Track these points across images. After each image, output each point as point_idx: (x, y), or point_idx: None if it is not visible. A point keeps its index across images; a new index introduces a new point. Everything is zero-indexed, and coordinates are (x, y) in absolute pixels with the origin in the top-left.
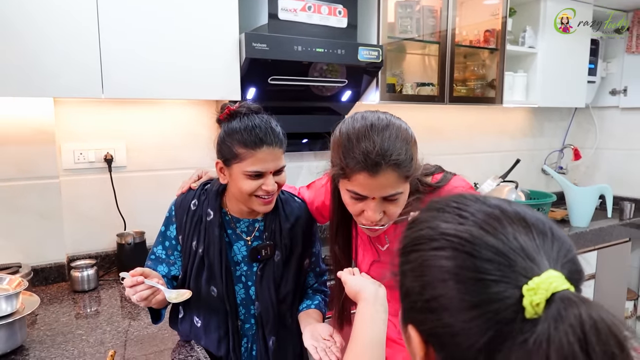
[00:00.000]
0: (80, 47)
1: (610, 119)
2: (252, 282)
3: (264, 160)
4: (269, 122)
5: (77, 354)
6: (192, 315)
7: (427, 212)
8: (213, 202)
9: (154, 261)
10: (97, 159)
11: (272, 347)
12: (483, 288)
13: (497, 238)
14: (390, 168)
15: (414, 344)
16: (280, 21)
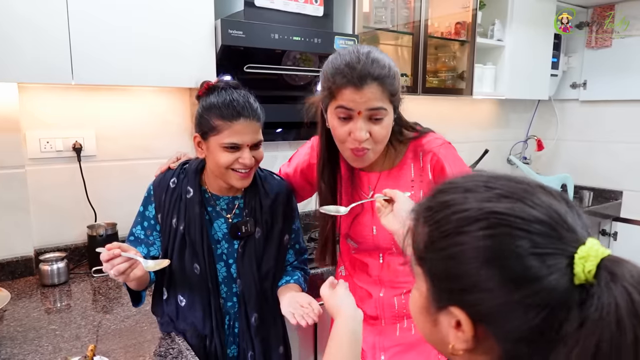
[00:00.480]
0: (48, 30)
1: (570, 112)
2: (234, 260)
3: (241, 132)
4: (246, 96)
5: (52, 349)
6: (177, 295)
7: (455, 193)
8: (192, 179)
9: (132, 242)
10: (65, 148)
11: (254, 324)
12: (539, 262)
13: (540, 211)
14: (375, 82)
15: (464, 326)
16: (256, 8)
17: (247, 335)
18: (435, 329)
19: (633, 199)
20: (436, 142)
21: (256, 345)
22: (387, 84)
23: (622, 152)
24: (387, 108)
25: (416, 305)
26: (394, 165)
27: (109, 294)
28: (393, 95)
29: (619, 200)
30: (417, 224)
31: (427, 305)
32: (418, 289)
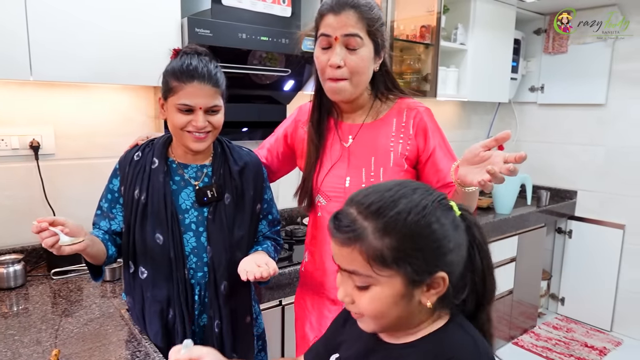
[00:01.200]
0: (5, 24)
1: (529, 114)
2: (204, 228)
3: (194, 94)
4: (206, 62)
5: (10, 355)
6: (139, 267)
7: (413, 194)
8: (159, 150)
9: (99, 216)
10: (21, 146)
11: (223, 292)
12: (454, 216)
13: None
14: (352, 9)
15: (445, 281)
16: (223, 7)
17: (216, 303)
18: (408, 305)
19: (587, 198)
20: (421, 105)
21: (224, 314)
22: (364, 13)
23: (577, 154)
24: (363, 37)
25: (389, 301)
26: (377, 119)
27: (70, 296)
28: (370, 26)
29: (573, 200)
30: (364, 246)
31: (403, 293)
32: (387, 287)
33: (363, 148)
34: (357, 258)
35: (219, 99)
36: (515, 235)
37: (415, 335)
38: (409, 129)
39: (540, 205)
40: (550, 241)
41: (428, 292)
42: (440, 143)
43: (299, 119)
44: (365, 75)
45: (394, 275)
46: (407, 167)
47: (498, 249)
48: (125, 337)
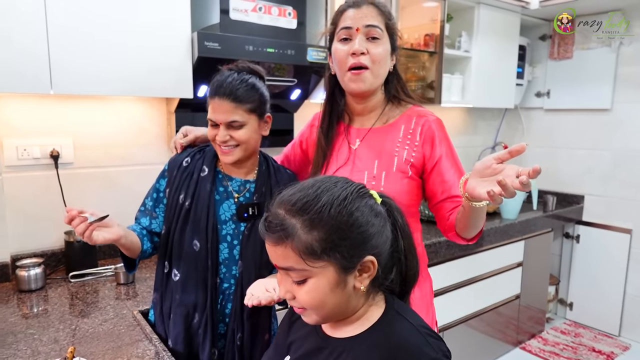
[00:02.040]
0: (27, 42)
1: (535, 119)
2: (238, 242)
3: (215, 109)
4: (236, 76)
5: (30, 353)
6: (173, 269)
7: (334, 187)
8: (209, 160)
9: (141, 212)
10: (42, 155)
11: (247, 308)
12: (373, 203)
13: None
14: (372, 5)
15: (374, 265)
16: (231, 20)
17: (240, 317)
18: (344, 291)
19: (593, 203)
20: (431, 114)
21: (246, 327)
22: (383, 8)
23: (583, 158)
24: (383, 30)
25: (325, 290)
26: (386, 124)
27: (87, 298)
28: (389, 19)
29: (580, 205)
30: (294, 241)
31: (337, 281)
32: (322, 277)
33: (368, 151)
34: (290, 255)
35: (241, 115)
36: (522, 240)
37: (358, 326)
38: (415, 137)
39: (546, 210)
40: (558, 246)
41: (360, 277)
42: (448, 153)
43: (314, 124)
44: (384, 67)
45: (326, 265)
46: (411, 174)
47: (504, 254)
48: (137, 336)
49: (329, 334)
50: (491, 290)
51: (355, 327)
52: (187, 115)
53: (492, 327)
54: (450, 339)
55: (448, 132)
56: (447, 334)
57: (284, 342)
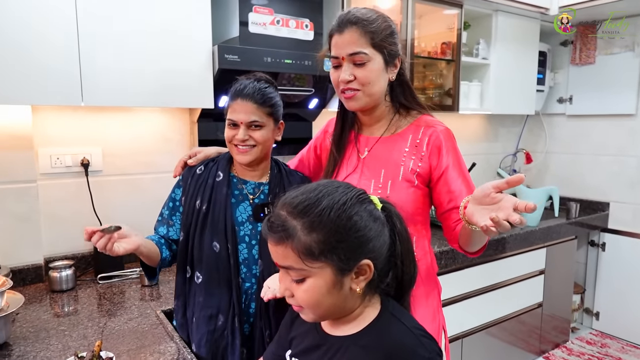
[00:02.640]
0: (61, 58)
1: (558, 125)
2: (256, 242)
3: (237, 110)
4: (256, 83)
5: (61, 347)
6: (195, 272)
7: (335, 192)
8: (223, 165)
9: (159, 222)
10: (73, 164)
11: (272, 304)
12: (373, 209)
13: (355, 190)
14: (354, 26)
15: (371, 268)
16: (250, 34)
17: (266, 315)
18: (340, 292)
19: (620, 210)
20: (440, 125)
21: (273, 324)
22: (366, 27)
23: (608, 165)
24: (368, 52)
25: (322, 290)
26: (394, 133)
27: (114, 299)
28: (374, 39)
29: (606, 212)
30: (295, 242)
31: (334, 282)
32: (320, 278)
33: (376, 160)
34: (290, 254)
35: (260, 116)
36: (543, 247)
37: (355, 325)
38: (422, 147)
39: (569, 217)
40: (583, 254)
41: (357, 279)
42: (455, 164)
43: (327, 131)
44: (376, 85)
45: (324, 266)
46: (417, 184)
47: (525, 261)
48: (159, 335)
49: (327, 332)
50: (512, 297)
51: (352, 327)
52: (208, 125)
53: (514, 336)
54: (471, 347)
55: (467, 140)
56: (467, 341)
57: (286, 337)
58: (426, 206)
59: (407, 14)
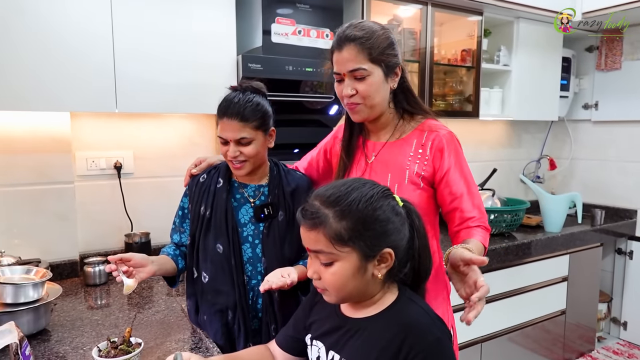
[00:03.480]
0: (97, 70)
1: (583, 131)
2: (259, 241)
3: (223, 129)
4: (241, 98)
5: (94, 335)
6: (201, 273)
7: (352, 194)
8: (224, 172)
9: (173, 230)
10: (107, 166)
11: (277, 299)
12: (395, 204)
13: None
14: (352, 43)
15: (392, 257)
16: (273, 43)
17: (271, 310)
18: (364, 277)
19: None
20: (443, 129)
21: (279, 319)
22: (364, 44)
23: (636, 171)
24: (367, 67)
25: (347, 273)
26: (399, 138)
27: (142, 293)
28: (371, 54)
29: (633, 219)
30: (327, 227)
31: (359, 266)
32: (347, 262)
33: (382, 165)
34: (321, 239)
35: (248, 132)
36: (566, 254)
37: (374, 309)
38: (426, 151)
39: (594, 224)
40: (610, 262)
41: (379, 266)
42: (456, 166)
43: (337, 136)
44: (377, 97)
45: (351, 251)
46: (423, 186)
47: (548, 268)
48: (184, 325)
49: (348, 315)
50: (534, 304)
51: (371, 309)
52: None
53: (537, 343)
54: (490, 351)
55: (489, 146)
56: (487, 345)
57: (304, 323)
58: (434, 207)
59: (426, 23)
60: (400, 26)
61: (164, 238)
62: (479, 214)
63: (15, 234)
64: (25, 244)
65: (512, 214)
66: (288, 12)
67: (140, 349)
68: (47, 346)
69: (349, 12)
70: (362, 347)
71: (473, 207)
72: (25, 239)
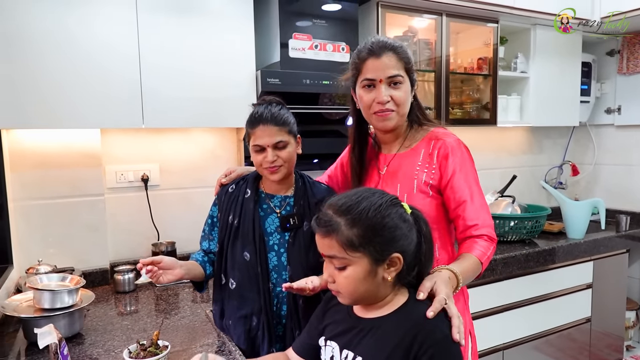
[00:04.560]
0: (125, 88)
1: (606, 136)
2: (285, 250)
3: (260, 136)
4: (271, 108)
5: (125, 338)
6: (229, 279)
7: (372, 197)
8: (251, 183)
9: (202, 237)
10: (135, 179)
11: (301, 306)
12: (403, 211)
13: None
14: (391, 51)
15: (400, 261)
16: (290, 58)
17: (295, 317)
18: (374, 280)
19: None
20: (450, 137)
21: (303, 325)
22: (402, 54)
23: None
24: (404, 76)
25: (359, 276)
26: (408, 149)
27: (169, 299)
28: (407, 64)
29: None
30: (339, 234)
31: (370, 270)
32: (358, 266)
33: (392, 176)
34: (334, 245)
35: (284, 136)
36: (590, 260)
37: (386, 309)
38: (433, 159)
39: (619, 230)
40: (638, 269)
41: (389, 270)
42: (461, 172)
43: None
44: (407, 106)
45: (362, 256)
46: (432, 194)
47: (571, 274)
48: (208, 330)
49: (361, 316)
50: (557, 311)
51: (383, 310)
52: None
53: (561, 351)
54: (513, 359)
55: (509, 152)
56: (509, 353)
57: (318, 327)
58: (445, 214)
59: (441, 33)
60: (415, 37)
61: (189, 247)
62: (482, 222)
63: (51, 243)
64: (60, 253)
65: (532, 221)
66: (305, 27)
67: (167, 351)
68: (81, 349)
69: (364, 25)
70: (376, 344)
71: (476, 215)
72: (59, 249)
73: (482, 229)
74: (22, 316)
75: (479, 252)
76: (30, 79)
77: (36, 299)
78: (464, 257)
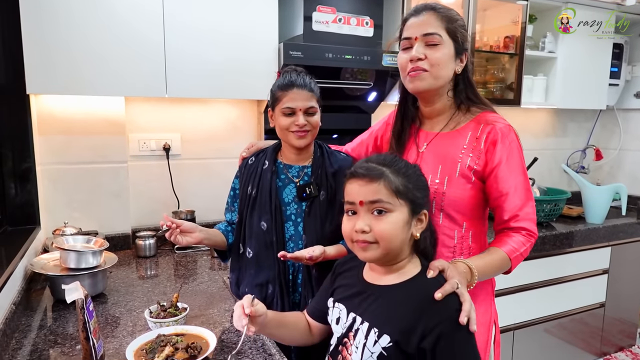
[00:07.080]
0: (149, 58)
1: (635, 121)
2: (301, 219)
3: (294, 99)
4: (302, 74)
5: (146, 300)
6: (246, 248)
7: (399, 162)
8: (270, 154)
9: (226, 209)
10: (157, 148)
11: (315, 275)
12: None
13: None
14: (431, 11)
15: (424, 222)
16: (313, 31)
17: (309, 284)
18: (407, 232)
19: None
20: (501, 122)
21: (316, 292)
22: (443, 12)
23: None
24: (442, 35)
25: (400, 224)
26: (454, 129)
27: (188, 265)
28: (450, 23)
29: None
30: (387, 180)
31: (407, 220)
32: (400, 213)
33: (434, 155)
34: (382, 190)
35: (314, 102)
36: (608, 246)
37: (396, 277)
38: (480, 144)
39: None
40: None
41: (417, 225)
42: (508, 161)
43: (389, 123)
44: (445, 70)
45: (404, 204)
46: (474, 180)
47: (587, 259)
48: (225, 296)
49: (370, 282)
50: (571, 295)
51: (394, 278)
52: None
53: (573, 335)
54: (523, 339)
55: (532, 134)
56: (520, 333)
57: (328, 290)
58: (484, 201)
59: (468, 9)
60: None
61: (208, 216)
62: (523, 214)
63: (76, 207)
64: (84, 217)
65: (551, 204)
66: (329, 0)
67: (185, 312)
68: (104, 307)
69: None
70: (384, 312)
71: (518, 207)
72: (84, 213)
73: (522, 222)
74: (49, 274)
75: (509, 248)
76: (60, 42)
77: (62, 259)
78: (489, 252)
